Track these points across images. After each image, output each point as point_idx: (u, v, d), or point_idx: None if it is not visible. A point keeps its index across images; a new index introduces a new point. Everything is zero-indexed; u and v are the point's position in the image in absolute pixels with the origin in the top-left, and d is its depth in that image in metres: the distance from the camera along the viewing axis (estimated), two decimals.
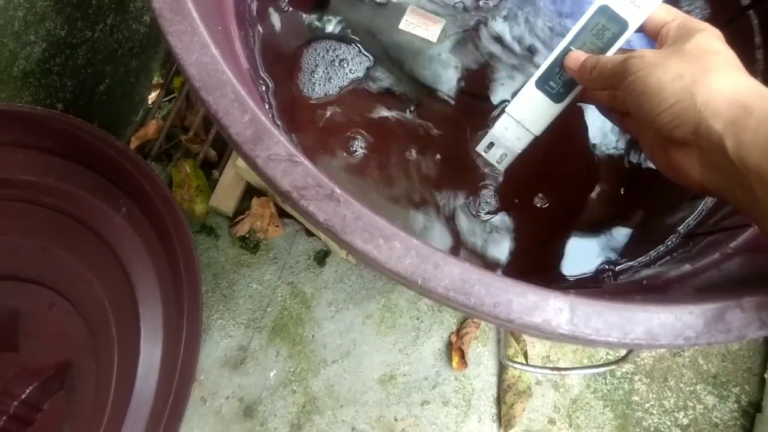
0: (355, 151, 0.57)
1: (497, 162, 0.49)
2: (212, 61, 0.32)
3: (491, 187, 0.56)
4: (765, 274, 0.38)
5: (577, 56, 0.44)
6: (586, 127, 0.57)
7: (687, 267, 0.45)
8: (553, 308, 0.30)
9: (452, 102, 0.58)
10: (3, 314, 0.51)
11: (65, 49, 0.62)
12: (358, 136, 0.58)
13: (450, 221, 0.56)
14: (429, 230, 0.56)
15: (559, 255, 0.54)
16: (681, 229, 0.53)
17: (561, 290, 0.32)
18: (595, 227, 0.55)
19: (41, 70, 0.60)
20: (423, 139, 0.57)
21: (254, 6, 0.53)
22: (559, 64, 0.45)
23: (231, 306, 0.78)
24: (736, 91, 0.33)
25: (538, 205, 0.56)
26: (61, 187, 0.53)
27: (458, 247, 0.56)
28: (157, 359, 0.65)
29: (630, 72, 0.37)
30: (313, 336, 0.78)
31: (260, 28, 0.55)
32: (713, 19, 0.57)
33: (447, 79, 0.59)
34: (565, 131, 0.56)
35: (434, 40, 0.61)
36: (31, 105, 0.57)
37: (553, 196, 0.56)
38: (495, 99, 0.58)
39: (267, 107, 0.53)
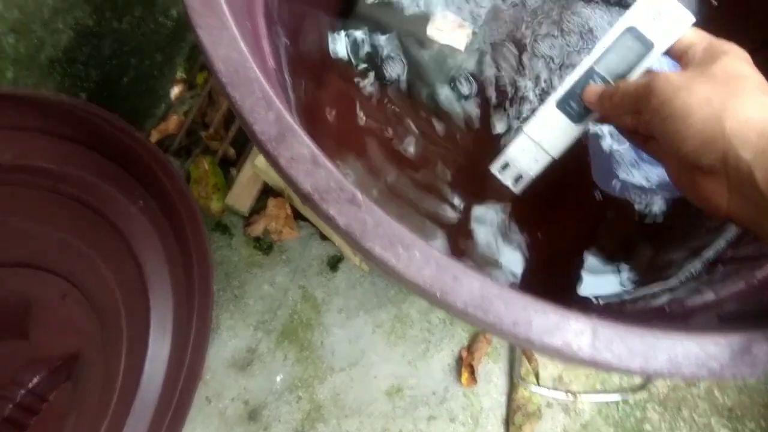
0: (371, 156, 0.56)
1: (512, 184, 0.47)
2: (240, 56, 0.32)
3: (507, 203, 0.55)
4: None
5: (595, 88, 0.43)
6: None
7: (711, 296, 0.44)
8: (574, 330, 0.29)
9: (471, 114, 0.58)
10: (15, 301, 0.51)
11: (92, 39, 0.62)
12: (375, 141, 0.57)
13: (463, 235, 0.55)
14: (440, 241, 0.55)
15: (579, 275, 0.53)
16: (706, 255, 0.52)
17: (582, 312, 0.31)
18: (616, 248, 0.54)
19: (67, 59, 0.60)
20: (439, 150, 0.57)
21: (279, 7, 0.52)
22: (582, 85, 0.44)
23: (241, 306, 0.78)
24: (766, 119, 0.32)
25: (558, 223, 0.55)
26: (80, 176, 0.53)
27: (471, 260, 0.55)
28: (165, 356, 0.65)
29: (654, 94, 0.36)
30: (321, 342, 0.77)
31: (286, 30, 0.55)
32: (743, 42, 0.56)
33: (469, 90, 0.58)
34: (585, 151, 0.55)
35: (461, 48, 0.60)
36: (55, 93, 0.57)
37: (573, 214, 0.55)
38: (514, 116, 0.57)
39: (288, 105, 0.53)
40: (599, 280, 0.53)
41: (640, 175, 0.53)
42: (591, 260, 0.54)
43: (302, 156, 0.31)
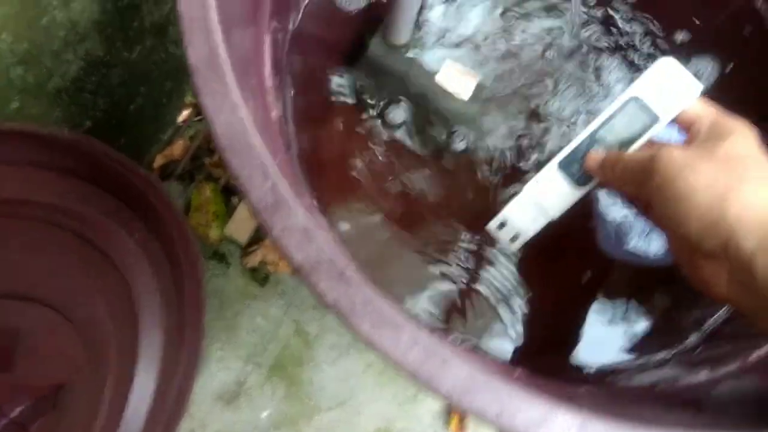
0: (374, 200, 0.56)
1: (509, 243, 0.47)
2: (241, 123, 0.32)
3: (510, 256, 0.55)
4: None
5: (597, 155, 0.42)
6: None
7: (704, 375, 0.44)
8: (560, 426, 0.29)
9: (472, 166, 0.57)
10: (3, 334, 0.51)
11: (101, 69, 0.63)
12: (378, 186, 0.57)
13: (465, 284, 0.55)
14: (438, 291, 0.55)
15: (575, 338, 0.52)
16: (705, 325, 0.52)
17: (575, 383, 0.30)
18: (615, 314, 0.53)
19: (75, 88, 0.60)
20: (441, 198, 0.56)
21: (287, 56, 0.53)
22: (585, 149, 0.43)
23: (233, 338, 0.77)
24: None
25: (559, 276, 0.54)
26: (78, 209, 0.53)
27: (473, 311, 0.54)
28: (151, 387, 0.64)
29: (657, 172, 0.36)
30: (311, 379, 0.76)
31: (294, 78, 0.55)
32: (747, 109, 0.56)
33: (464, 144, 0.58)
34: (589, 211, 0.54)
35: (466, 97, 0.60)
36: (57, 127, 0.57)
37: (572, 275, 0.55)
38: (514, 173, 0.57)
39: (290, 153, 0.53)
40: (599, 343, 0.52)
41: (649, 244, 0.53)
42: (592, 317, 0.53)
43: (295, 228, 0.31)
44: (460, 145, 0.58)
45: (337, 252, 0.31)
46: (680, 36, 0.60)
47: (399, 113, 0.59)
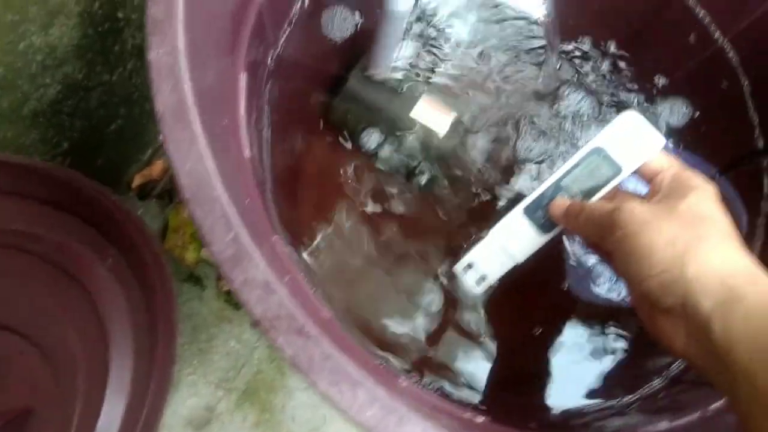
0: (351, 225, 0.57)
1: (474, 285, 0.47)
2: (206, 173, 0.32)
3: (473, 298, 0.55)
4: None
5: (561, 203, 0.43)
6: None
7: (665, 424, 0.44)
8: None
9: (442, 205, 0.58)
10: None
11: (80, 92, 0.62)
12: (354, 211, 0.57)
13: (433, 318, 0.55)
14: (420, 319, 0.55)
15: (541, 379, 0.53)
16: (668, 372, 0.52)
17: (539, 429, 0.30)
18: (581, 355, 0.53)
19: (52, 111, 0.60)
20: (412, 226, 0.57)
21: (265, 91, 0.53)
22: (550, 196, 0.44)
23: (205, 362, 0.77)
24: (728, 269, 0.32)
25: (524, 323, 0.55)
26: (49, 236, 0.52)
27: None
28: (119, 414, 0.64)
29: (619, 227, 0.36)
30: (283, 406, 0.76)
31: (273, 108, 0.55)
32: (722, 151, 0.57)
33: (426, 179, 0.59)
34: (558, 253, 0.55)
35: (441, 133, 0.60)
36: (34, 149, 0.57)
37: (538, 315, 0.55)
38: (482, 216, 0.57)
39: (263, 188, 0.52)
40: (564, 384, 0.53)
41: (617, 287, 0.53)
42: (558, 358, 0.54)
43: (255, 281, 0.31)
44: (422, 179, 0.58)
45: (296, 308, 0.31)
46: (659, 80, 0.61)
47: (374, 139, 0.59)
